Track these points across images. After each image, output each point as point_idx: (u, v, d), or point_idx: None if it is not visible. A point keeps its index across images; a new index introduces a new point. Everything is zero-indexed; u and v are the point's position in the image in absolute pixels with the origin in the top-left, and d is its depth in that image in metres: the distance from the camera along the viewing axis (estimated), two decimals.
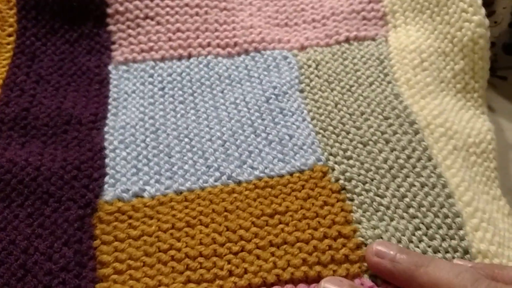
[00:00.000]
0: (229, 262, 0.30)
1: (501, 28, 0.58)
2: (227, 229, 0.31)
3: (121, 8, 0.45)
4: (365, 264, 0.30)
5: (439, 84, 0.42)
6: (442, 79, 0.43)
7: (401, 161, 0.35)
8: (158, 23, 0.45)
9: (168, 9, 0.45)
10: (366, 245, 0.31)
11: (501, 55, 0.60)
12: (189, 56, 0.44)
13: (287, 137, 0.37)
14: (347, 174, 0.35)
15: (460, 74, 0.43)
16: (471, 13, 0.43)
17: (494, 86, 0.58)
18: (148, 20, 0.45)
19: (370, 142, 0.37)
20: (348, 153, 0.36)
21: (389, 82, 0.41)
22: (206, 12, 0.45)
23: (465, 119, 0.41)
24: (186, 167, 0.36)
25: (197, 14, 0.45)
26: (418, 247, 0.31)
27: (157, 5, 0.45)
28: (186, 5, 0.45)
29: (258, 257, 0.30)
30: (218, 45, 0.45)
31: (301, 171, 0.35)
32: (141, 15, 0.45)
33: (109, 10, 0.45)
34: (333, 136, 0.38)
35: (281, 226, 0.32)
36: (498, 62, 0.60)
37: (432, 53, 0.44)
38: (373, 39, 0.45)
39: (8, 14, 0.46)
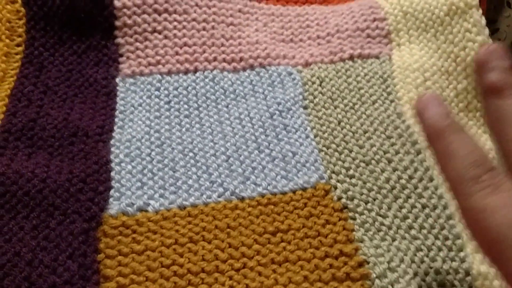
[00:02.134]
0: (230, 278, 0.31)
1: (504, 46, 0.58)
2: (230, 246, 0.32)
3: (129, 21, 0.45)
4: (368, 281, 0.30)
5: None
6: (444, 98, 0.43)
7: (403, 181, 0.36)
8: (166, 37, 0.45)
9: (175, 23, 0.45)
10: (368, 263, 0.31)
11: None
12: (195, 70, 0.45)
13: (290, 154, 0.38)
14: (350, 193, 0.35)
15: (463, 93, 0.44)
16: (475, 33, 0.44)
17: None
18: (155, 34, 0.45)
19: (373, 161, 0.37)
20: (351, 171, 0.37)
21: (392, 101, 0.42)
22: (213, 27, 0.46)
23: None
24: (190, 182, 0.36)
25: (204, 29, 0.46)
26: (419, 267, 0.31)
27: (165, 19, 0.45)
28: (194, 19, 0.46)
29: (259, 274, 0.31)
30: (224, 60, 0.45)
31: (304, 189, 0.35)
32: (149, 29, 0.45)
33: (117, 23, 0.45)
34: (336, 154, 0.38)
35: (283, 244, 0.32)
36: None
37: (435, 72, 0.44)
38: (377, 57, 0.46)
39: (17, 24, 0.46)
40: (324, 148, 0.38)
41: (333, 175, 0.37)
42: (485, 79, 0.27)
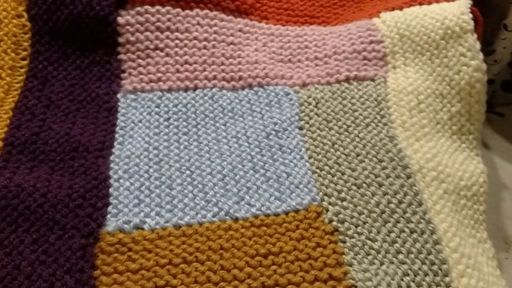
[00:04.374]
0: None
1: (500, 67, 0.59)
2: (222, 268, 0.33)
3: (132, 38, 0.46)
4: None
5: (435, 126, 0.44)
6: (438, 120, 0.44)
7: (392, 205, 0.37)
8: (167, 54, 0.46)
9: (177, 41, 0.46)
10: (356, 287, 0.32)
11: (499, 92, 0.62)
12: (195, 88, 0.46)
13: (284, 175, 0.39)
14: (341, 216, 0.36)
15: (456, 116, 0.45)
16: (470, 58, 0.45)
17: (491, 122, 0.60)
18: (157, 51, 0.46)
19: (364, 185, 0.38)
20: (342, 194, 0.38)
21: (385, 124, 0.43)
22: (213, 46, 0.47)
23: (458, 162, 0.42)
24: (186, 200, 0.37)
25: (205, 47, 0.47)
26: None
27: (167, 37, 0.46)
28: (195, 38, 0.47)
29: None
30: (224, 78, 0.46)
31: (296, 211, 0.36)
32: (151, 46, 0.46)
33: (121, 40, 0.46)
34: (329, 176, 0.39)
35: (274, 267, 0.33)
36: (497, 99, 0.62)
37: (429, 95, 0.45)
38: (372, 80, 0.46)
39: (23, 38, 0.48)
40: (318, 170, 0.39)
41: (325, 197, 0.38)
42: None
